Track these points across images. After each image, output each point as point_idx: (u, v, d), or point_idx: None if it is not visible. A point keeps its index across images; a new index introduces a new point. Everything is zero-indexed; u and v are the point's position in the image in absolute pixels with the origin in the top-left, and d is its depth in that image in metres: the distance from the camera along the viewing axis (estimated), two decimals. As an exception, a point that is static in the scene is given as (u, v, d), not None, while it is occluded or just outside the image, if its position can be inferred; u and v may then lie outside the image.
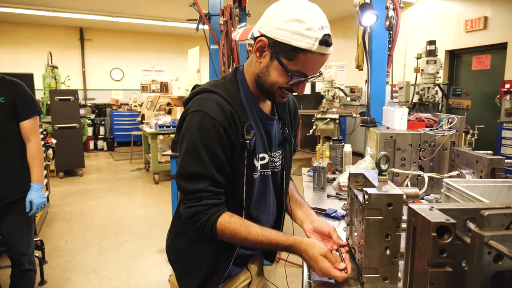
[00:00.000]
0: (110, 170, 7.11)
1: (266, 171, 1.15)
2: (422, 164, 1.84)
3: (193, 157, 0.98)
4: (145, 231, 3.96)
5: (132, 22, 8.60)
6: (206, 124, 0.97)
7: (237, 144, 1.02)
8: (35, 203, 2.01)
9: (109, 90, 10.07)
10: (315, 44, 0.92)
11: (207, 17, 2.77)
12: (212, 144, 0.98)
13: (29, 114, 2.03)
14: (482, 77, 6.13)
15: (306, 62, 0.96)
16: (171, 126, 5.92)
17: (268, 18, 0.98)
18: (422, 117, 1.99)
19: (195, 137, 0.97)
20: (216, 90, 1.03)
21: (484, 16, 5.77)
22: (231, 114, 1.00)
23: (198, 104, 1.00)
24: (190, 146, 0.99)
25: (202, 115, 0.98)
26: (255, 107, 1.11)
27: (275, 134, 1.18)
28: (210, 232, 1.00)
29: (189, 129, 1.00)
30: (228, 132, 0.99)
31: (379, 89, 2.31)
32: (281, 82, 1.01)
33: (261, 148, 1.11)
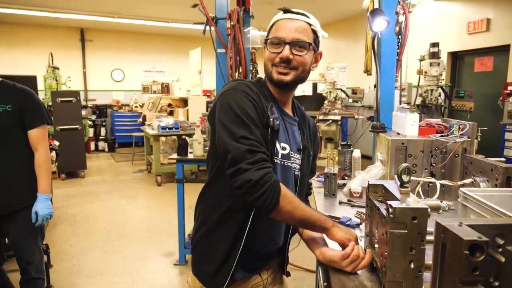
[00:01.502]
0: (111, 171, 7.09)
1: (287, 161, 1.17)
2: (433, 171, 1.84)
3: (238, 124, 1.02)
4: (149, 234, 3.95)
5: (133, 23, 8.59)
6: (239, 96, 1.07)
7: (263, 122, 1.08)
8: (40, 214, 1.97)
9: (110, 91, 10.06)
10: (280, 15, 1.17)
11: (214, 20, 2.76)
12: (250, 112, 1.05)
13: (37, 123, 2.00)
14: (484, 79, 6.14)
15: (276, 28, 1.15)
16: (173, 128, 5.92)
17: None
18: (433, 123, 1.98)
19: (234, 108, 1.04)
20: (245, 81, 1.15)
21: (486, 18, 5.78)
22: (257, 94, 1.11)
23: (229, 86, 1.12)
24: (232, 115, 1.04)
25: (235, 91, 1.08)
26: (277, 106, 1.19)
27: (295, 137, 1.23)
28: (274, 196, 0.99)
29: (225, 103, 1.06)
30: (259, 106, 1.09)
31: (388, 94, 2.31)
32: (269, 55, 1.14)
33: (283, 138, 1.16)
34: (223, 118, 1.04)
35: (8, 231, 2.04)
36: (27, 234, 2.05)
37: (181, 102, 7.85)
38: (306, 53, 1.12)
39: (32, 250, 2.08)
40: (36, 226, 2.02)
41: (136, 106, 9.84)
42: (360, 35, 7.96)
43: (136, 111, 9.72)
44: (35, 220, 1.98)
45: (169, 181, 6.22)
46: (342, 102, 7.55)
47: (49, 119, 2.08)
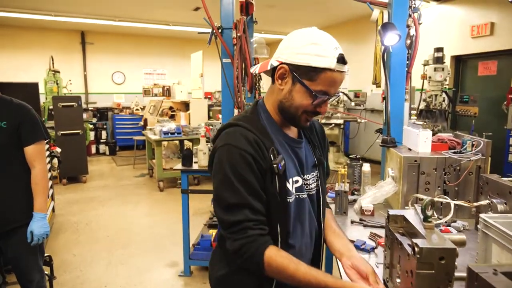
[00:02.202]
0: (113, 176, 7.06)
1: (301, 194, 1.15)
2: (446, 189, 1.81)
3: (228, 188, 1.01)
4: (153, 242, 3.92)
5: (134, 26, 8.54)
6: (234, 155, 1.02)
7: (266, 169, 1.04)
8: (36, 233, 1.92)
9: (111, 94, 10.02)
10: (333, 62, 1.00)
11: (220, 30, 2.72)
12: (244, 173, 1.01)
13: (33, 140, 1.95)
14: (488, 83, 6.10)
15: (327, 80, 1.02)
16: (175, 133, 5.88)
17: (284, 47, 1.07)
18: (445, 138, 1.95)
19: (226, 169, 1.01)
20: (239, 123, 1.08)
21: (490, 22, 5.74)
22: (255, 141, 1.04)
23: (224, 139, 1.07)
24: (223, 178, 1.02)
25: (229, 147, 1.03)
26: (280, 133, 1.15)
27: (306, 157, 1.20)
28: (258, 266, 1.01)
29: (219, 163, 1.04)
30: (256, 159, 1.03)
31: (398, 106, 2.27)
32: (305, 104, 1.06)
33: (293, 172, 1.13)
34: (215, 180, 1.05)
35: (6, 250, 1.99)
36: (25, 254, 2.00)
37: (183, 105, 7.81)
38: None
39: (31, 269, 2.04)
40: (32, 246, 1.96)
41: (137, 109, 9.81)
42: (363, 39, 7.93)
43: (137, 114, 9.69)
44: (31, 240, 1.93)
45: (171, 186, 6.19)
46: (345, 106, 7.52)
47: (46, 135, 2.03)
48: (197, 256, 3.18)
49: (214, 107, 8.63)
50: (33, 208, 1.96)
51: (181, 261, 3.26)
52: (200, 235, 3.54)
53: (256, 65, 1.20)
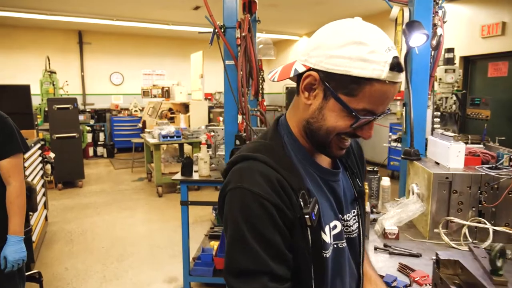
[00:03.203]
0: (110, 180, 6.84)
1: (340, 243, 0.88)
2: (482, 210, 1.59)
3: (241, 249, 0.74)
4: (150, 254, 3.70)
5: (133, 26, 8.31)
6: (249, 203, 0.74)
7: (294, 221, 0.77)
8: (10, 259, 1.70)
9: (109, 95, 9.79)
10: (385, 69, 0.71)
11: (222, 29, 2.51)
12: (262, 228, 0.74)
13: (8, 152, 1.72)
14: (498, 85, 5.88)
15: (374, 95, 0.73)
16: (175, 137, 5.66)
17: (315, 47, 0.77)
18: (477, 151, 1.74)
19: (239, 222, 0.75)
20: (256, 156, 0.80)
21: (502, 21, 5.52)
22: (280, 183, 0.76)
23: (237, 178, 0.78)
24: (235, 235, 0.76)
25: (243, 192, 0.75)
26: (311, 164, 0.86)
27: (345, 191, 0.92)
28: None
29: (230, 212, 0.77)
30: (281, 208, 0.75)
31: (420, 114, 2.06)
32: (341, 127, 0.77)
33: (330, 215, 0.85)
34: (227, 238, 0.78)
35: None
36: (2, 282, 1.76)
37: (182, 107, 7.59)
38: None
39: None
40: (7, 273, 1.73)
41: (136, 110, 9.59)
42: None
43: (135, 115, 9.47)
44: (4, 267, 1.71)
45: (170, 191, 5.98)
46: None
47: (23, 148, 1.80)
48: (197, 272, 2.96)
49: (214, 109, 8.42)
50: (7, 230, 1.73)
51: (180, 277, 3.04)
52: (200, 248, 3.33)
53: (275, 70, 0.89)
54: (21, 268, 1.84)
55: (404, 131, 2.12)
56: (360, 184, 0.97)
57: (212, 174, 2.97)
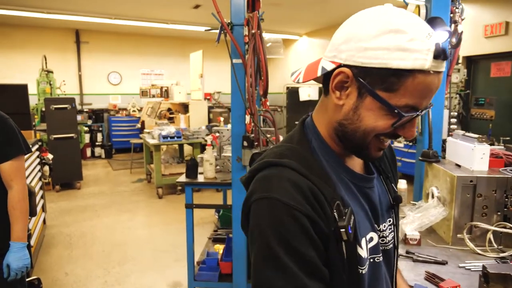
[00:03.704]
0: (109, 181, 6.73)
1: (377, 257, 0.80)
2: (508, 214, 1.52)
3: (273, 267, 0.65)
4: (152, 258, 3.61)
5: (131, 24, 8.21)
6: (279, 215, 0.66)
7: (329, 234, 0.68)
8: (13, 267, 1.62)
9: (107, 95, 9.67)
10: (428, 58, 0.62)
11: (229, 27, 2.43)
12: (296, 243, 0.65)
13: (10, 155, 1.64)
14: (501, 85, 5.85)
15: (417, 88, 0.65)
16: (175, 137, 5.57)
17: (344, 40, 0.69)
18: (500, 153, 1.67)
19: (269, 237, 0.66)
20: (284, 162, 0.71)
21: (505, 21, 5.50)
22: (312, 192, 0.68)
23: (263, 187, 0.70)
24: (264, 251, 0.67)
25: (272, 203, 0.67)
26: (342, 169, 0.78)
27: (380, 199, 0.83)
28: None
29: (258, 226, 0.68)
30: (315, 220, 0.67)
31: (437, 114, 1.99)
32: (381, 127, 0.69)
33: (366, 227, 0.77)
34: (253, 252, 0.69)
35: None
36: None
37: (182, 107, 7.49)
38: None
39: None
40: (9, 282, 1.64)
41: (134, 110, 9.48)
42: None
43: (134, 116, 9.37)
44: (7, 275, 1.62)
45: (171, 192, 5.89)
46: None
47: (25, 149, 1.72)
48: (202, 277, 2.87)
49: (214, 109, 8.32)
50: (9, 236, 1.64)
51: (185, 281, 2.96)
52: (205, 252, 3.24)
53: (298, 71, 0.81)
54: (22, 278, 1.75)
55: (420, 132, 2.05)
56: (394, 189, 0.89)
57: (218, 176, 2.89)
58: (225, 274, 2.86)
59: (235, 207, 2.58)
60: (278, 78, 9.93)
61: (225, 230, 3.69)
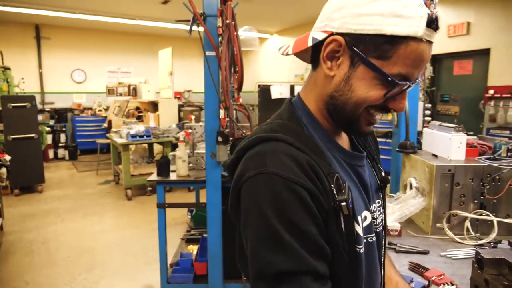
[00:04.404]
0: (74, 183, 6.40)
1: (370, 237, 0.77)
2: (484, 202, 1.54)
3: (274, 246, 0.60)
4: (122, 262, 3.43)
5: (96, 20, 7.85)
6: (279, 190, 0.61)
7: (329, 210, 0.65)
8: None
9: (70, 93, 9.21)
10: (421, 25, 0.61)
11: (202, 18, 2.33)
12: (297, 219, 0.61)
13: None
14: (464, 83, 6.11)
15: (410, 57, 0.63)
16: (144, 136, 5.37)
17: (338, 8, 0.67)
18: (474, 142, 1.70)
19: (268, 214, 0.61)
20: (278, 136, 0.67)
21: (467, 21, 5.74)
22: (311, 166, 0.64)
23: (257, 162, 0.64)
24: (263, 230, 0.61)
25: (269, 178, 0.62)
26: (335, 148, 0.75)
27: (370, 179, 0.81)
28: None
29: (254, 205, 0.63)
30: (315, 195, 0.63)
31: (412, 106, 2.00)
32: (373, 97, 0.66)
33: (360, 205, 0.74)
34: (249, 235, 0.64)
35: None
36: None
37: (151, 105, 7.27)
38: None
39: None
40: None
41: (100, 109, 9.10)
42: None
43: (100, 115, 8.98)
44: None
45: (141, 193, 5.67)
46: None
47: None
48: (176, 279, 2.76)
49: (185, 107, 8.13)
50: None
51: (157, 285, 2.82)
52: (178, 253, 3.12)
53: (286, 45, 0.77)
54: None
55: (395, 124, 2.06)
56: (382, 171, 0.87)
57: (191, 173, 2.78)
58: (200, 275, 2.76)
59: (210, 205, 2.49)
60: (249, 76, 9.86)
61: (199, 230, 3.58)
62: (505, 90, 5.17)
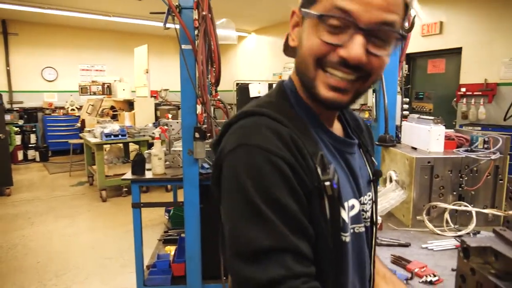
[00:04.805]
0: (45, 186, 6.13)
1: (358, 227, 0.72)
2: (462, 194, 1.55)
3: (254, 222, 0.56)
4: (96, 265, 3.29)
5: (68, 15, 7.55)
6: (259, 162, 0.58)
7: (312, 190, 0.60)
8: None
9: (41, 92, 8.85)
10: None
11: (178, 10, 2.25)
12: (278, 194, 0.57)
13: None
14: (437, 81, 6.27)
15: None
16: (119, 135, 5.20)
17: None
18: (452, 135, 1.70)
19: (247, 188, 0.57)
20: (263, 111, 0.64)
21: (440, 21, 5.89)
22: (294, 142, 0.61)
23: (239, 136, 0.62)
24: (242, 205, 0.57)
25: (249, 150, 0.59)
26: (323, 131, 0.71)
27: (361, 170, 0.77)
28: None
29: (233, 178, 0.59)
30: (297, 171, 0.59)
31: (390, 100, 1.99)
32: (313, 44, 0.61)
33: (348, 192, 0.70)
34: (228, 208, 0.60)
35: None
36: None
37: (126, 104, 7.07)
38: (388, 50, 0.62)
39: None
40: None
41: (73, 109, 8.78)
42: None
43: (72, 115, 8.67)
44: None
45: (116, 194, 5.50)
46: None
47: None
48: (153, 281, 2.66)
49: (162, 106, 7.96)
50: None
51: (134, 288, 2.72)
52: (155, 254, 3.02)
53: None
54: None
55: (374, 118, 2.05)
56: (375, 164, 0.83)
57: (168, 172, 2.69)
58: (178, 276, 2.67)
59: (187, 203, 2.41)
60: (227, 75, 9.79)
61: (177, 231, 3.48)
62: (476, 88, 5.34)
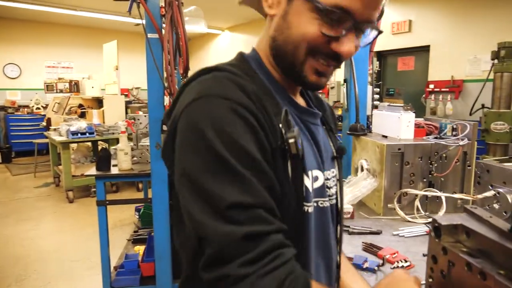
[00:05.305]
0: (7, 188, 5.79)
1: (322, 201, 0.67)
2: (432, 180, 1.54)
3: (223, 176, 0.50)
4: (61, 269, 3.11)
5: (32, 9, 7.18)
6: (223, 112, 0.53)
7: (275, 149, 0.56)
8: None
9: (3, 90, 8.38)
10: None
11: (143, -3, 2.15)
12: (246, 145, 0.52)
13: None
14: (406, 78, 6.43)
15: None
16: (87, 133, 4.98)
17: None
18: (422, 123, 1.71)
19: (212, 139, 0.51)
20: (224, 67, 0.61)
21: (409, 19, 6.03)
22: (256, 96, 0.57)
23: (197, 90, 0.56)
24: (209, 158, 0.51)
25: (211, 100, 0.54)
26: (286, 100, 0.67)
27: (324, 143, 0.73)
28: None
29: (195, 130, 0.52)
30: (261, 122, 0.56)
31: (361, 90, 1.98)
32: (310, 33, 0.59)
33: (312, 162, 0.66)
34: (190, 164, 0.52)
35: None
36: None
37: (95, 102, 6.80)
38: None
39: None
40: None
41: (38, 107, 8.37)
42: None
43: (38, 114, 8.26)
44: None
45: (84, 195, 5.27)
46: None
47: None
48: (121, 282, 2.54)
49: (133, 104, 7.72)
50: None
51: (100, 291, 2.59)
52: (123, 255, 2.89)
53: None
54: None
55: (346, 108, 2.03)
56: (338, 141, 0.79)
57: (135, 167, 2.58)
58: (147, 276, 2.56)
59: (156, 199, 2.31)
60: (201, 73, 9.65)
61: (147, 230, 3.36)
62: (444, 84, 5.51)
